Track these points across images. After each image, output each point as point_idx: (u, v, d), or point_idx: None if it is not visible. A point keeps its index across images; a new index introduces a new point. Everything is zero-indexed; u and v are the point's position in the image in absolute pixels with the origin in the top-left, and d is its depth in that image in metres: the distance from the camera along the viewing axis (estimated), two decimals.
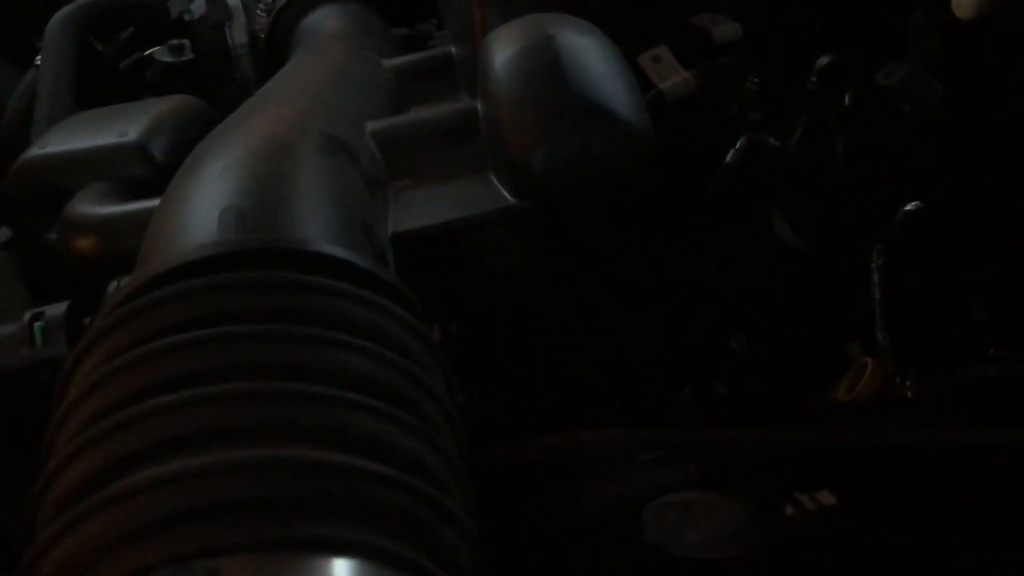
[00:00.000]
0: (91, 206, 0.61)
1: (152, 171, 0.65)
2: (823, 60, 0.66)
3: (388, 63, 0.72)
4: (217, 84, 0.91)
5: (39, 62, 0.91)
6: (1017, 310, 0.60)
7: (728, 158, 0.65)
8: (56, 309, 0.53)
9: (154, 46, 0.96)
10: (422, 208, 0.53)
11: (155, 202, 0.49)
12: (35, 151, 0.67)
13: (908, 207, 0.61)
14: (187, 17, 0.94)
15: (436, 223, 0.52)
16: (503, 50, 0.54)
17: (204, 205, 0.43)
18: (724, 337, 0.65)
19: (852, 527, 0.45)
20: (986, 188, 0.63)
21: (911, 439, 0.49)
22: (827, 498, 0.45)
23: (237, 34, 0.90)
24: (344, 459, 0.30)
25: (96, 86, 0.94)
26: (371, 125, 0.57)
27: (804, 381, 0.62)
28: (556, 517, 0.51)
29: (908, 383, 0.57)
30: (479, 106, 0.57)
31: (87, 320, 0.53)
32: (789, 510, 0.44)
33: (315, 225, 0.42)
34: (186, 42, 0.94)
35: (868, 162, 0.63)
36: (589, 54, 0.53)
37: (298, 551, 0.28)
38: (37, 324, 0.53)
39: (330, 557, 0.29)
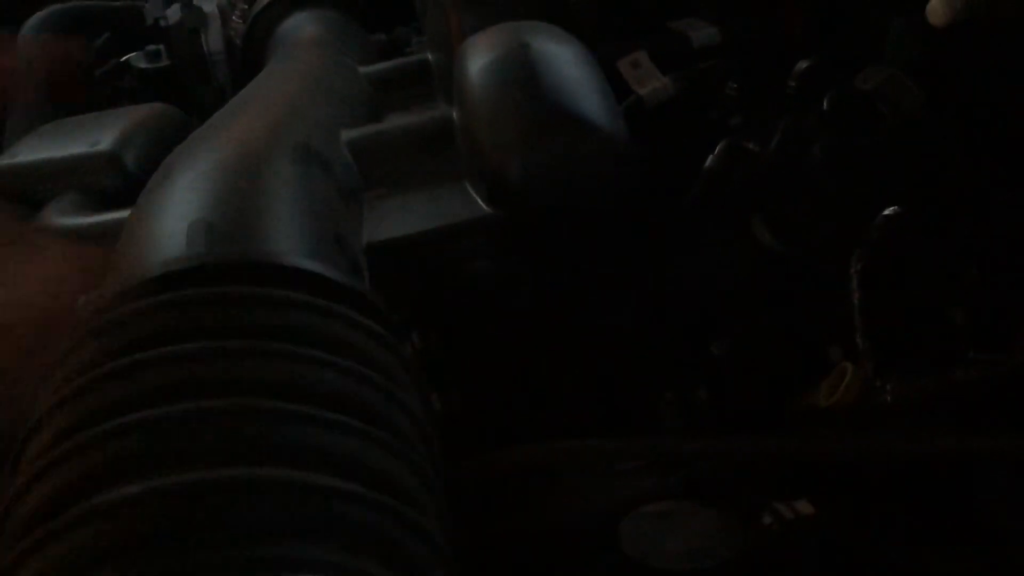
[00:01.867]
0: (63, 217, 0.61)
1: (125, 181, 0.64)
2: (802, 64, 0.66)
3: (365, 70, 0.71)
4: (193, 90, 0.91)
5: None
6: (996, 313, 0.60)
7: (707, 163, 0.64)
8: None
9: (130, 52, 0.95)
10: (397, 217, 0.52)
11: (127, 213, 0.48)
12: (5, 160, 0.66)
13: (887, 211, 0.61)
14: (163, 23, 0.94)
15: (411, 233, 0.51)
16: (478, 57, 0.54)
17: (173, 218, 0.42)
18: (705, 342, 0.65)
19: (831, 536, 0.44)
20: (964, 191, 0.63)
21: (890, 447, 0.48)
22: (805, 507, 0.44)
23: (213, 40, 0.90)
24: (309, 478, 0.29)
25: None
26: (346, 134, 0.57)
27: (786, 386, 0.62)
28: (533, 527, 0.51)
29: (888, 387, 0.57)
30: (455, 114, 0.57)
31: None
32: (767, 520, 0.44)
33: (286, 237, 0.42)
34: (162, 48, 0.93)
35: (847, 166, 0.63)
36: (564, 62, 0.53)
37: (263, 573, 0.28)
38: None
39: None
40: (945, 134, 0.64)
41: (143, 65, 0.93)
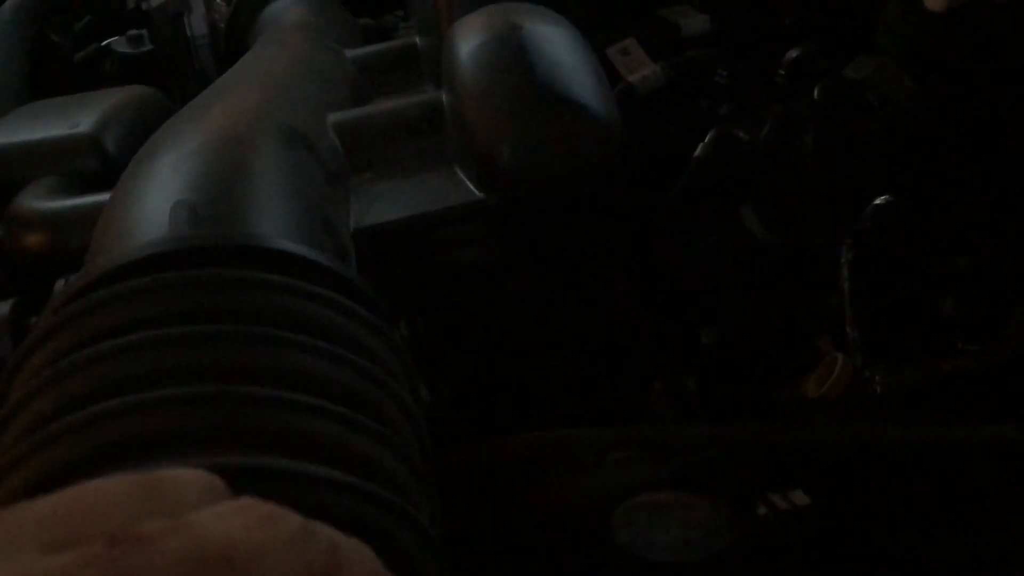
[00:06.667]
0: (40, 200, 0.59)
1: (105, 164, 0.63)
2: (792, 53, 0.66)
3: (351, 53, 0.70)
4: (176, 76, 0.89)
5: None
6: (985, 304, 0.60)
7: (697, 152, 0.64)
8: (1, 307, 0.51)
9: (111, 37, 0.94)
10: (385, 202, 0.51)
11: (107, 196, 0.47)
12: None
13: (877, 201, 0.61)
14: (145, 7, 0.92)
15: (400, 217, 0.50)
16: (469, 40, 0.53)
17: (155, 200, 0.41)
18: (695, 332, 0.65)
19: (826, 527, 0.44)
20: (955, 181, 0.63)
21: (884, 437, 0.48)
22: (800, 498, 0.44)
23: (196, 24, 0.88)
24: (297, 466, 0.29)
25: (52, 78, 0.92)
26: (332, 117, 0.56)
27: (775, 376, 0.61)
28: (524, 518, 0.50)
29: (877, 378, 0.57)
30: (444, 97, 0.56)
31: (33, 319, 0.51)
32: (762, 510, 0.44)
33: (272, 220, 0.41)
34: (144, 32, 0.92)
35: (837, 156, 0.63)
36: (557, 44, 0.52)
37: None
38: None
39: None
40: (936, 123, 0.63)
41: (125, 50, 0.91)
